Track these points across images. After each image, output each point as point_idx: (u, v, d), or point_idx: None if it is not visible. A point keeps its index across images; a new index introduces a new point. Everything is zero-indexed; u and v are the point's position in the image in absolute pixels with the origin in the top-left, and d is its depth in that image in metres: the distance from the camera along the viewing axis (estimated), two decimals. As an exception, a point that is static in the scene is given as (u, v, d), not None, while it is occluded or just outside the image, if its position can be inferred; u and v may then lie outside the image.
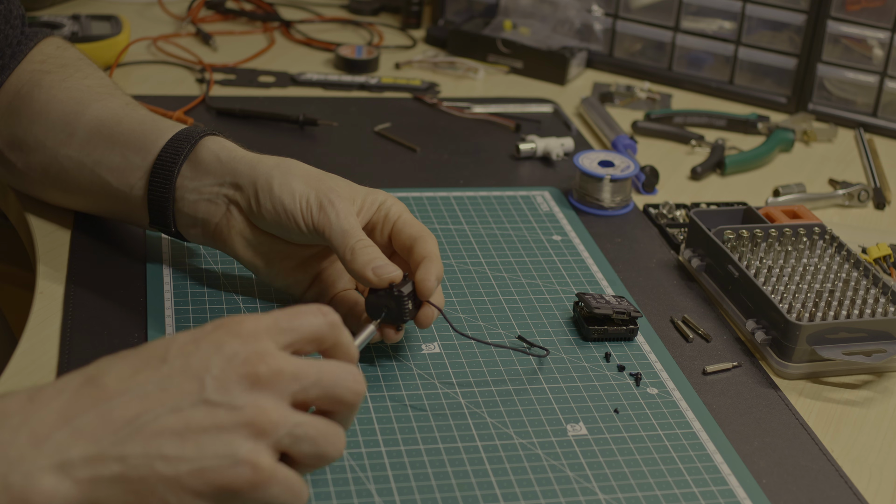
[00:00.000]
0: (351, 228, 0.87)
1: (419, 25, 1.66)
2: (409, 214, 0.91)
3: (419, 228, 0.89)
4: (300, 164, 0.91)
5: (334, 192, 0.88)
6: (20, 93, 0.99)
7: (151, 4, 1.62)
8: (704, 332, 0.97)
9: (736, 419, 0.87)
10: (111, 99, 0.98)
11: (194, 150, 0.92)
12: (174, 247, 1.00)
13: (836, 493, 0.81)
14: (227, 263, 0.99)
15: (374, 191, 0.91)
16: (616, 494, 0.78)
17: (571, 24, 1.54)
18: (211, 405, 0.63)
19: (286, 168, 0.90)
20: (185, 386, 0.63)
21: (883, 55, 1.40)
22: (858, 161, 1.36)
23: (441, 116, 1.36)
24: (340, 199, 0.88)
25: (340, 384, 0.68)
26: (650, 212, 1.16)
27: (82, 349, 0.86)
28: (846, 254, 1.02)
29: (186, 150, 0.92)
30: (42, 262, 0.97)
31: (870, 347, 0.93)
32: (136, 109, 0.98)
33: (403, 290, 0.85)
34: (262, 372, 0.64)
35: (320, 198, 0.88)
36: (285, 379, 0.65)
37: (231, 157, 0.92)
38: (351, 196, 0.90)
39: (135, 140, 0.94)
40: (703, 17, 1.50)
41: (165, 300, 0.93)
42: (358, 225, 0.88)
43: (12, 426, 0.61)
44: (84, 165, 0.96)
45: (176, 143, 0.93)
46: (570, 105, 1.44)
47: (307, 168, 0.91)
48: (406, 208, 0.91)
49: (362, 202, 0.90)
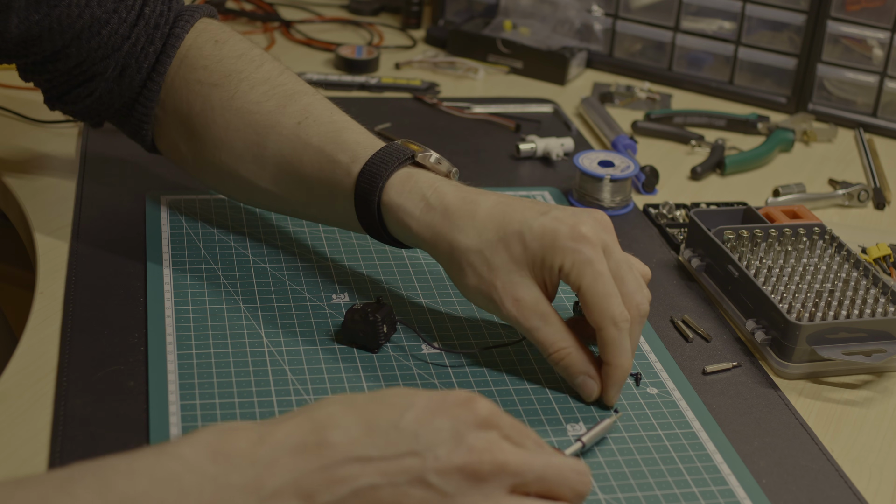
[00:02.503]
0: (540, 342, 0.84)
1: (419, 25, 1.66)
2: (590, 287, 0.83)
3: (598, 317, 0.83)
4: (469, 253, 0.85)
5: (508, 293, 0.84)
6: (192, 112, 0.96)
7: (151, 4, 1.62)
8: (704, 332, 0.97)
9: (736, 419, 0.87)
10: (283, 117, 0.94)
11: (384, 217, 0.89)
12: (174, 247, 1.00)
13: (836, 493, 0.81)
14: (227, 263, 0.99)
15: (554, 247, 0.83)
16: (616, 494, 0.78)
17: (571, 24, 1.54)
18: (427, 486, 0.63)
19: (458, 265, 0.86)
20: (408, 462, 0.63)
21: (883, 55, 1.40)
22: (858, 161, 1.36)
23: (441, 116, 1.36)
24: (519, 304, 0.84)
25: (564, 483, 0.67)
26: (650, 212, 1.16)
27: (82, 349, 0.86)
28: (846, 254, 1.02)
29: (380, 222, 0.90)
30: (42, 262, 0.97)
31: (869, 347, 0.93)
32: (310, 137, 0.93)
33: (378, 316, 0.87)
34: (484, 468, 0.64)
35: (498, 304, 0.84)
36: (507, 474, 0.65)
37: (409, 235, 0.88)
38: (529, 274, 0.84)
39: (325, 188, 0.92)
40: (703, 17, 1.50)
41: (165, 300, 0.93)
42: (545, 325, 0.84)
43: (242, 469, 0.62)
44: (286, 201, 0.96)
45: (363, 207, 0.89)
46: (570, 105, 1.44)
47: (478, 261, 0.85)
48: (589, 270, 0.83)
49: (543, 274, 0.84)
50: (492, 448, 0.64)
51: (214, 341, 0.89)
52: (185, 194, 1.09)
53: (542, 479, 0.66)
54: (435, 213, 0.87)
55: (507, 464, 0.64)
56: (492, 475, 0.64)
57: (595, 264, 0.83)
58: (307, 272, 0.99)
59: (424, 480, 0.63)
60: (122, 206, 1.06)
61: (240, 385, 0.84)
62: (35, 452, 0.76)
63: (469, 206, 0.87)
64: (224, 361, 0.87)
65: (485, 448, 0.64)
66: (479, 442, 0.64)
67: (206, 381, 0.84)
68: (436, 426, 0.64)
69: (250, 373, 0.86)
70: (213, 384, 0.84)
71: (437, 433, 0.64)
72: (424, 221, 0.87)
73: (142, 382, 0.83)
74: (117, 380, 0.83)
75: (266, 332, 0.90)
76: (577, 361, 0.85)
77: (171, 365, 0.85)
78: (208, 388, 0.83)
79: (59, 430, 0.78)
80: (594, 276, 0.83)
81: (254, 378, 0.85)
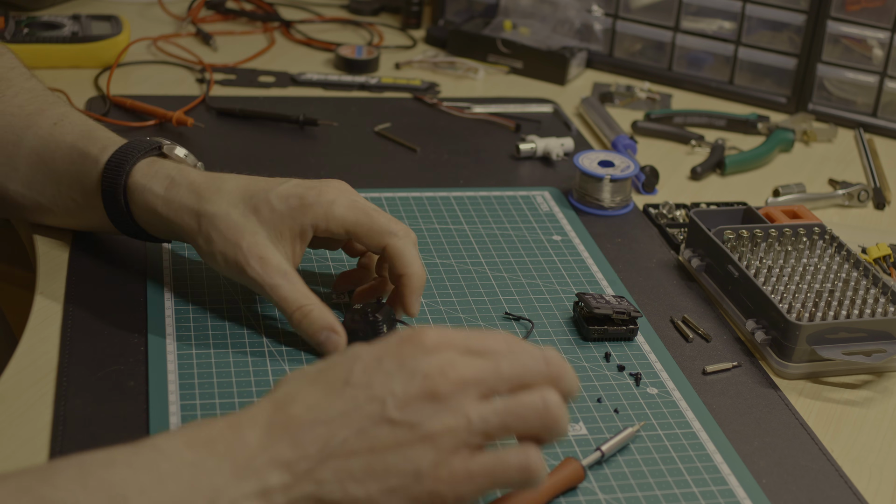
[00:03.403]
0: (282, 299, 0.85)
1: (419, 25, 1.66)
2: (356, 220, 0.87)
3: (378, 238, 0.87)
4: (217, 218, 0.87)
5: (254, 252, 0.85)
6: None
7: (152, 4, 1.62)
8: (704, 332, 0.97)
9: (736, 419, 0.87)
10: (41, 118, 0.96)
11: (131, 202, 0.90)
12: (175, 247, 1.00)
13: (836, 493, 0.81)
14: (227, 263, 0.99)
15: (303, 207, 0.86)
16: (616, 494, 0.78)
17: (571, 24, 1.54)
18: (393, 424, 0.64)
19: (206, 234, 0.87)
20: (368, 408, 0.65)
21: (883, 55, 1.40)
22: (858, 161, 1.36)
23: (441, 116, 1.36)
24: (263, 262, 0.85)
25: (538, 375, 0.67)
26: (650, 212, 1.16)
27: (82, 349, 0.86)
28: (846, 254, 1.02)
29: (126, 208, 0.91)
30: (42, 262, 0.97)
31: (870, 347, 0.93)
32: (64, 134, 0.94)
33: (379, 316, 0.88)
34: (442, 388, 0.65)
35: (242, 264, 0.86)
36: (469, 386, 0.66)
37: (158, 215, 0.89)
38: (275, 235, 0.87)
39: (74, 180, 0.93)
40: (703, 17, 1.50)
41: (166, 300, 0.93)
42: (288, 283, 0.85)
43: (218, 453, 0.64)
44: (40, 204, 0.96)
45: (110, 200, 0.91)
46: (570, 105, 1.44)
47: (225, 226, 0.86)
48: (350, 211, 0.87)
49: (291, 234, 0.87)
50: (444, 368, 0.66)
51: (214, 341, 0.89)
52: (185, 194, 1.09)
53: (510, 378, 0.67)
54: (181, 189, 0.89)
55: (464, 377, 0.66)
56: (453, 392, 0.65)
57: (354, 206, 0.87)
58: (307, 272, 0.99)
59: (389, 419, 0.64)
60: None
61: (240, 385, 0.84)
62: (35, 452, 0.76)
63: (215, 182, 0.89)
64: (224, 361, 0.87)
65: (437, 370, 0.65)
66: (431, 367, 0.65)
67: (206, 381, 0.84)
68: (385, 368, 0.66)
69: (250, 373, 0.86)
70: (213, 384, 0.84)
71: (388, 374, 0.65)
72: (169, 198, 0.88)
73: (142, 382, 0.83)
74: (117, 380, 0.83)
75: (266, 332, 0.90)
76: (319, 317, 0.86)
77: (171, 365, 0.85)
78: (208, 388, 0.83)
79: (59, 430, 0.78)
80: (356, 211, 0.87)
81: (254, 378, 0.85)
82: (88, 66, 1.39)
